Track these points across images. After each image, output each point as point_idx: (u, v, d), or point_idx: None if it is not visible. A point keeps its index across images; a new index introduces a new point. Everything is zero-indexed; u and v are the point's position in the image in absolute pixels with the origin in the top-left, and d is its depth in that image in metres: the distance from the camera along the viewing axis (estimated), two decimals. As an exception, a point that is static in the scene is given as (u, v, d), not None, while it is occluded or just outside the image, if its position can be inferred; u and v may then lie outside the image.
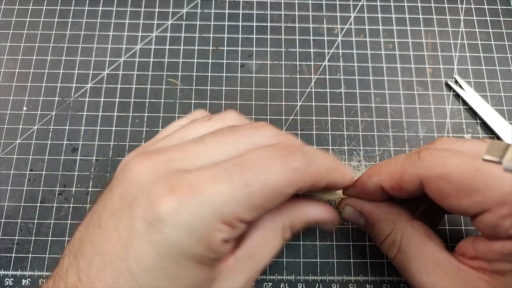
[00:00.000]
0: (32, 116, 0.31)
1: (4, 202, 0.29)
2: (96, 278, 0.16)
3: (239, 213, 0.16)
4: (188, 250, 0.16)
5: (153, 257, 0.16)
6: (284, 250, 0.28)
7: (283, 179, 0.17)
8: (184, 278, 0.16)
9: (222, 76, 0.33)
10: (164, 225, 0.16)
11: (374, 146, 0.31)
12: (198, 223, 0.16)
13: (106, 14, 0.34)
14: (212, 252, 0.17)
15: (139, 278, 0.16)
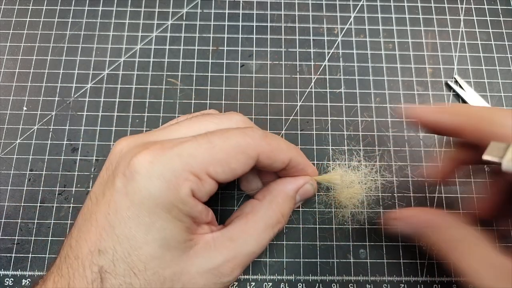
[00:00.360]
0: (32, 116, 0.31)
1: (4, 202, 0.29)
2: (83, 240, 0.18)
3: (205, 166, 0.18)
4: (158, 196, 0.17)
5: (129, 207, 0.18)
6: (284, 250, 0.28)
7: (241, 140, 0.19)
8: (157, 229, 0.18)
9: (222, 76, 0.33)
10: (138, 175, 0.18)
11: (374, 146, 0.31)
12: (168, 172, 0.18)
13: (106, 14, 0.34)
14: (182, 203, 0.18)
15: (117, 229, 0.18)
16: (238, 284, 0.27)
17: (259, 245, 0.21)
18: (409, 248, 0.28)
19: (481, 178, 0.30)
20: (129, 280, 0.17)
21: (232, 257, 0.20)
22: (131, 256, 0.17)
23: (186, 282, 0.19)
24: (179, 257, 0.18)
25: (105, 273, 0.17)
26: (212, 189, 0.19)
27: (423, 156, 0.31)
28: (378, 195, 0.30)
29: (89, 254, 0.18)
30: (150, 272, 0.18)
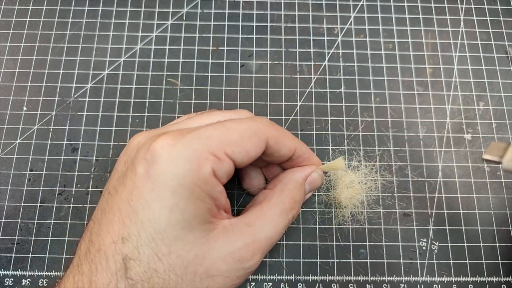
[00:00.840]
0: (32, 116, 0.31)
1: (4, 202, 0.29)
2: (106, 232, 0.18)
3: (223, 146, 0.19)
4: (182, 177, 0.18)
5: (152, 189, 0.18)
6: (284, 250, 0.28)
7: (253, 124, 0.21)
8: (180, 210, 0.18)
9: (222, 76, 0.33)
10: (160, 157, 0.18)
11: (374, 146, 0.31)
12: (189, 152, 0.18)
13: (106, 14, 0.34)
14: (204, 182, 0.18)
15: (141, 214, 0.18)
16: (238, 284, 0.27)
17: (275, 230, 0.21)
18: (409, 248, 0.28)
19: (481, 178, 0.30)
20: (153, 266, 0.17)
21: (251, 241, 0.20)
22: (155, 240, 0.17)
23: (209, 267, 0.19)
24: (200, 239, 0.18)
25: (129, 261, 0.17)
26: (230, 170, 0.20)
27: (423, 156, 0.31)
28: (378, 195, 0.30)
29: (112, 244, 0.18)
30: (174, 255, 0.18)
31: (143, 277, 0.17)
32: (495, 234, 0.29)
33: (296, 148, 0.23)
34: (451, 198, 0.30)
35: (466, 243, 0.29)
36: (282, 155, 0.23)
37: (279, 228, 0.22)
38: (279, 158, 0.23)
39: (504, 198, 0.30)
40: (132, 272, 0.17)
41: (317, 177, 0.25)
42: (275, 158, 0.23)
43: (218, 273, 0.19)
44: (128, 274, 0.17)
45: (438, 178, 0.30)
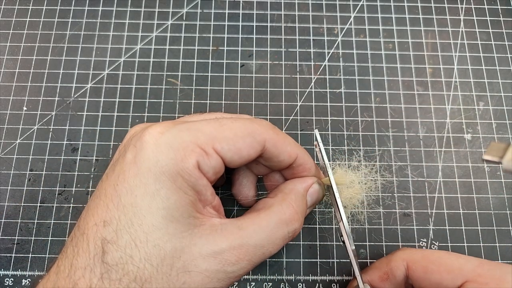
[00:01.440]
0: (32, 116, 0.31)
1: (4, 202, 0.29)
2: (90, 216, 0.18)
3: (212, 140, 0.19)
4: (165, 164, 0.18)
5: (136, 174, 0.18)
6: (284, 250, 0.28)
7: (249, 124, 0.20)
8: (161, 197, 0.18)
9: (222, 76, 0.33)
10: (147, 144, 0.18)
11: (374, 146, 0.31)
12: (176, 141, 0.18)
13: (106, 14, 0.34)
14: (186, 173, 0.18)
15: (123, 198, 0.18)
16: (238, 284, 0.27)
17: (269, 240, 0.20)
18: (409, 248, 0.28)
19: (481, 178, 0.30)
20: (130, 252, 0.17)
21: (238, 245, 0.19)
22: (134, 226, 0.17)
23: (187, 262, 0.18)
24: (181, 232, 0.18)
25: (107, 245, 0.17)
26: (217, 165, 0.19)
27: (423, 156, 0.31)
28: (378, 195, 0.30)
29: (94, 227, 0.18)
30: (151, 244, 0.17)
31: (118, 263, 0.17)
32: (495, 234, 0.29)
33: (298, 156, 0.22)
34: (451, 198, 0.30)
35: (466, 243, 0.29)
36: (281, 161, 0.22)
37: (274, 238, 0.20)
38: (279, 164, 0.22)
39: (504, 198, 0.30)
40: (109, 256, 0.17)
41: (318, 189, 0.24)
42: (275, 164, 0.22)
43: (197, 270, 0.18)
44: (105, 258, 0.17)
45: (438, 178, 0.30)
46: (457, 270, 0.21)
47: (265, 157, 0.22)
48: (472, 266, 0.21)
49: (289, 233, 0.21)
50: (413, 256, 0.22)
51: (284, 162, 0.22)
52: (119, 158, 0.20)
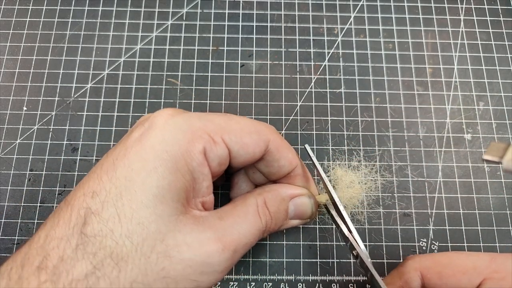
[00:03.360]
0: (32, 116, 0.31)
1: (4, 202, 0.29)
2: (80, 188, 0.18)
3: (221, 131, 0.19)
4: (171, 143, 0.18)
5: (138, 150, 0.18)
6: (284, 250, 0.28)
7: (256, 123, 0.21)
8: (158, 175, 0.17)
9: (222, 76, 0.33)
10: (156, 124, 0.18)
11: (374, 146, 0.31)
12: (185, 125, 0.18)
13: (106, 14, 0.34)
14: (190, 156, 0.18)
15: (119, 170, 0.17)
16: (238, 284, 0.27)
17: (249, 228, 0.19)
18: (409, 248, 0.28)
19: (481, 178, 0.30)
20: (111, 226, 0.16)
21: (221, 234, 0.18)
22: (122, 199, 0.17)
23: (170, 247, 0.17)
24: (168, 216, 0.17)
25: (90, 215, 0.16)
26: (223, 155, 0.19)
27: (423, 156, 0.31)
28: (378, 195, 0.30)
29: (81, 197, 0.17)
30: (136, 221, 0.16)
31: (97, 235, 0.16)
32: (495, 234, 0.29)
33: (297, 165, 0.22)
34: (451, 198, 0.30)
35: (466, 243, 0.29)
36: (281, 166, 0.22)
37: (252, 228, 0.20)
38: (278, 169, 0.22)
39: (504, 198, 0.30)
40: (89, 227, 0.16)
41: (306, 202, 0.23)
42: (274, 169, 0.22)
43: (180, 257, 0.17)
44: (84, 229, 0.16)
45: (438, 178, 0.30)
46: (472, 269, 0.21)
47: (267, 160, 0.22)
48: (485, 262, 0.21)
49: (265, 226, 0.21)
50: (425, 263, 0.22)
51: (284, 168, 0.22)
52: (123, 138, 0.19)
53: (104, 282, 0.16)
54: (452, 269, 0.21)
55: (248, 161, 0.21)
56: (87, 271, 0.15)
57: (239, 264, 0.28)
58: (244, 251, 0.19)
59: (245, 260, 0.28)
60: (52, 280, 0.15)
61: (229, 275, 0.28)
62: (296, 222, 0.23)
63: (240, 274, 0.28)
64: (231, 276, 0.28)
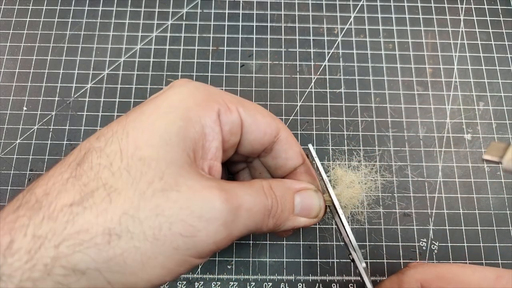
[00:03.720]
0: (32, 116, 0.31)
1: (4, 202, 0.29)
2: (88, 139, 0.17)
3: (237, 103, 0.19)
4: (186, 98, 0.18)
5: (153, 101, 0.18)
6: (284, 250, 0.28)
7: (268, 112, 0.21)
8: (168, 120, 0.17)
9: (222, 76, 0.33)
10: (175, 86, 0.19)
11: (374, 146, 0.31)
12: (203, 87, 0.19)
13: (106, 14, 0.34)
14: (203, 111, 0.18)
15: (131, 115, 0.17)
16: (238, 284, 0.27)
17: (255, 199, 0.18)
18: (409, 248, 0.28)
19: (481, 178, 0.30)
20: (111, 160, 0.15)
21: (226, 188, 0.17)
22: (128, 137, 0.16)
23: (169, 185, 0.15)
24: (171, 159, 0.16)
25: (90, 152, 0.16)
26: (235, 122, 0.19)
27: (423, 156, 0.31)
28: (378, 195, 0.30)
29: (88, 142, 0.17)
30: (137, 157, 0.15)
31: (94, 167, 0.15)
32: (495, 234, 0.29)
33: (305, 162, 0.22)
34: (451, 198, 0.30)
35: (466, 243, 0.29)
36: (288, 158, 0.22)
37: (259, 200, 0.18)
38: (285, 162, 0.22)
39: (504, 198, 0.30)
40: (86, 162, 0.15)
41: (312, 195, 0.22)
42: (282, 162, 0.22)
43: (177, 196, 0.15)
44: (81, 163, 0.15)
45: (438, 178, 0.30)
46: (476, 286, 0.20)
47: (275, 150, 0.22)
48: (490, 281, 0.20)
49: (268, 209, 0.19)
50: (426, 275, 0.21)
51: (290, 161, 0.22)
52: None
53: (90, 212, 0.14)
54: (456, 286, 0.20)
55: (258, 144, 0.20)
56: (73, 201, 0.14)
57: (239, 264, 0.28)
58: (248, 224, 0.17)
59: (245, 260, 0.28)
60: (31, 214, 0.14)
61: (229, 275, 0.28)
62: (303, 221, 0.22)
63: (240, 274, 0.28)
64: (231, 276, 0.28)
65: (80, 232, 0.14)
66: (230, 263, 0.28)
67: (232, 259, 0.28)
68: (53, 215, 0.14)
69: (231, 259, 0.28)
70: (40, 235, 0.14)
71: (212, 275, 0.27)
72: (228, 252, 0.28)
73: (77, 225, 0.14)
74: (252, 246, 0.28)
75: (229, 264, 0.28)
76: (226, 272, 0.28)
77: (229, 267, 0.28)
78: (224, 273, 0.28)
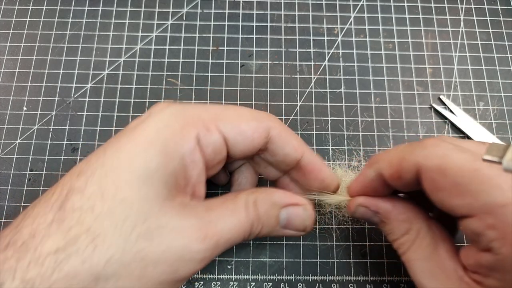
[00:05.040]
0: (32, 116, 0.31)
1: (4, 202, 0.29)
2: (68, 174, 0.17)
3: (216, 119, 0.19)
4: (162, 128, 0.18)
5: (129, 136, 0.18)
6: (284, 250, 0.28)
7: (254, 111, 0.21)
8: (146, 157, 0.17)
9: (222, 76, 0.33)
10: (151, 114, 0.19)
11: (374, 146, 0.31)
12: (180, 113, 0.19)
13: (106, 14, 0.34)
14: (181, 139, 0.18)
15: (109, 152, 0.18)
16: (238, 284, 0.27)
17: (234, 225, 0.18)
18: (409, 248, 0.28)
19: (481, 178, 0.30)
20: (92, 203, 0.16)
21: (204, 224, 0.17)
22: (107, 178, 0.16)
23: (151, 229, 0.16)
24: (152, 198, 0.17)
25: (72, 192, 0.16)
26: (217, 142, 0.19)
27: (423, 156, 0.31)
28: (378, 195, 0.30)
29: (67, 178, 0.17)
30: (118, 199, 0.16)
31: (76, 211, 0.15)
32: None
33: (304, 153, 0.21)
34: (451, 198, 0.30)
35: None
36: (287, 155, 0.21)
37: (237, 224, 0.19)
38: (285, 158, 0.21)
39: (504, 198, 0.30)
40: (68, 204, 0.16)
41: (300, 214, 0.21)
42: (280, 158, 0.21)
43: (160, 240, 0.16)
44: (64, 205, 0.16)
45: (438, 178, 0.30)
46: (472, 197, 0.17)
47: (270, 149, 0.21)
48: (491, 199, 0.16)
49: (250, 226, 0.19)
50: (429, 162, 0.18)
51: (289, 157, 0.21)
52: None
53: (75, 258, 0.15)
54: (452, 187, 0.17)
55: (249, 150, 0.20)
56: (58, 247, 0.15)
57: (239, 264, 0.28)
58: (227, 247, 0.19)
59: (245, 260, 0.28)
60: (18, 257, 0.15)
61: (229, 275, 0.28)
62: (290, 233, 0.22)
63: (240, 274, 0.28)
64: (231, 276, 0.28)
65: (68, 277, 0.15)
66: (230, 263, 0.28)
67: (232, 259, 0.28)
68: (39, 261, 0.15)
69: (231, 259, 0.28)
70: (28, 279, 0.14)
71: (212, 275, 0.27)
72: (228, 252, 0.28)
73: (63, 271, 0.15)
74: (252, 246, 0.28)
75: (229, 264, 0.28)
76: (226, 272, 0.28)
77: (229, 267, 0.28)
78: (224, 273, 0.28)
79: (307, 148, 0.22)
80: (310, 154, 0.22)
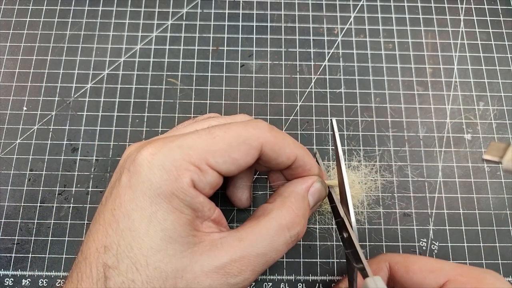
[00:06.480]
0: (32, 116, 0.31)
1: (4, 202, 0.29)
2: (92, 241, 0.18)
3: (206, 156, 0.19)
4: (159, 186, 0.18)
5: (132, 199, 0.18)
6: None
7: (243, 131, 0.20)
8: (158, 220, 0.18)
9: (222, 76, 0.33)
10: (141, 167, 0.18)
11: (374, 146, 0.31)
12: (168, 162, 0.18)
13: (106, 14, 0.34)
14: (182, 192, 0.18)
15: (121, 223, 0.18)
16: (238, 284, 0.27)
17: (271, 246, 0.19)
18: (409, 248, 0.28)
19: (481, 178, 0.30)
20: (131, 276, 0.17)
21: (239, 256, 0.19)
22: (133, 250, 0.17)
23: (190, 281, 0.18)
24: (181, 252, 0.18)
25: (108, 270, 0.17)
26: (214, 181, 0.19)
27: (423, 156, 0.31)
28: (378, 195, 0.30)
29: (95, 253, 0.18)
30: (152, 267, 0.17)
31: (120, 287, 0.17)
32: (495, 234, 0.29)
33: (297, 157, 0.22)
34: (451, 198, 0.30)
35: (466, 243, 0.29)
36: (279, 163, 0.22)
37: (276, 245, 0.20)
38: (277, 165, 0.22)
39: (504, 198, 0.30)
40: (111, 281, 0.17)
41: (320, 188, 0.23)
42: (273, 165, 0.22)
43: (200, 287, 0.18)
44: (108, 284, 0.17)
45: (438, 178, 0.30)
46: (439, 269, 0.21)
47: (263, 160, 0.21)
48: (452, 266, 0.22)
49: (292, 237, 0.20)
50: (395, 258, 0.23)
51: (283, 164, 0.22)
52: (115, 182, 0.20)
53: None
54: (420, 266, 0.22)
55: (243, 169, 0.20)
56: None
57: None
58: (266, 267, 0.20)
59: (245, 260, 0.28)
60: None
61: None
62: (315, 208, 0.24)
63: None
64: (231, 276, 0.28)
65: None
66: (230, 263, 0.28)
67: (232, 259, 0.28)
68: None
69: (231, 259, 0.28)
70: None
71: (212, 275, 0.27)
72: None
73: None
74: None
75: (229, 264, 0.28)
76: (226, 272, 0.28)
77: (229, 267, 0.28)
78: (224, 273, 0.28)
79: (299, 149, 0.22)
80: (302, 156, 0.22)
